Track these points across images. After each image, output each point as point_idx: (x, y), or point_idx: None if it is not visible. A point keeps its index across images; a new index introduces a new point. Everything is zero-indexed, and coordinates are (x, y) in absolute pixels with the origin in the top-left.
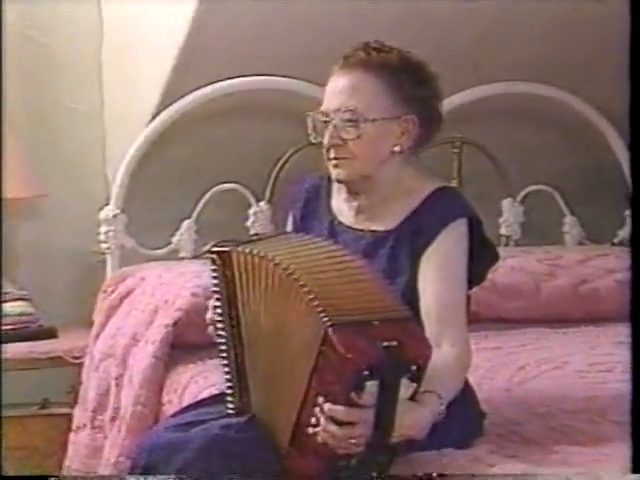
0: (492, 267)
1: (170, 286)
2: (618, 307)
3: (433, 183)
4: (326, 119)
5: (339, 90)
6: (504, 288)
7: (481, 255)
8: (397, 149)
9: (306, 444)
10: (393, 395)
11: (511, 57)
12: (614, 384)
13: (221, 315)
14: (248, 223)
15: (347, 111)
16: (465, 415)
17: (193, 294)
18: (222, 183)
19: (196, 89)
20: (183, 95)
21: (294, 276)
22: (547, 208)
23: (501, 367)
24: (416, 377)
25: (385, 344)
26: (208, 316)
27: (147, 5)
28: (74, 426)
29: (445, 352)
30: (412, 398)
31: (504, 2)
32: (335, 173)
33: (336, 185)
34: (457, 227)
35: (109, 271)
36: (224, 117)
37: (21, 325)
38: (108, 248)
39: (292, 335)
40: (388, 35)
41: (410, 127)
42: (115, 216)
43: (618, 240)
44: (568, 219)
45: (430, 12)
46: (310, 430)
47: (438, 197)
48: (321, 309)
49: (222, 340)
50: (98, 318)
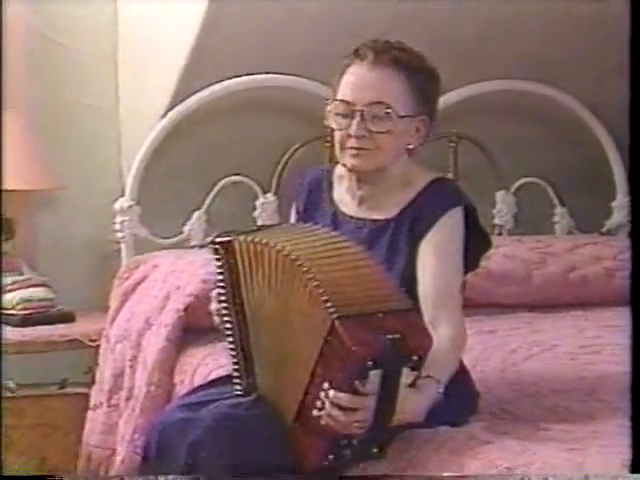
0: (485, 254)
1: (181, 273)
2: (605, 293)
3: (430, 174)
4: (353, 109)
5: (368, 84)
6: (498, 275)
7: (476, 242)
8: (411, 146)
9: (310, 424)
10: (395, 384)
11: (505, 56)
12: (602, 365)
13: (226, 302)
14: (255, 214)
15: (379, 105)
16: (460, 395)
17: (203, 280)
18: (231, 176)
19: (206, 87)
20: (194, 92)
21: (297, 262)
22: (538, 199)
23: (494, 349)
24: (417, 366)
25: (389, 337)
26: (212, 307)
27: (160, 6)
28: (91, 405)
29: (442, 335)
30: (412, 385)
31: (500, 3)
32: (352, 162)
33: (337, 177)
34: (453, 215)
35: (124, 259)
36: (233, 113)
37: (41, 310)
38: (123, 237)
39: (296, 320)
40: (389, 33)
41: (423, 125)
42: (129, 207)
43: (605, 229)
44: (558, 210)
45: (428, 12)
46: (315, 413)
47: (435, 187)
48: (326, 298)
49: (228, 325)
50: (113, 303)
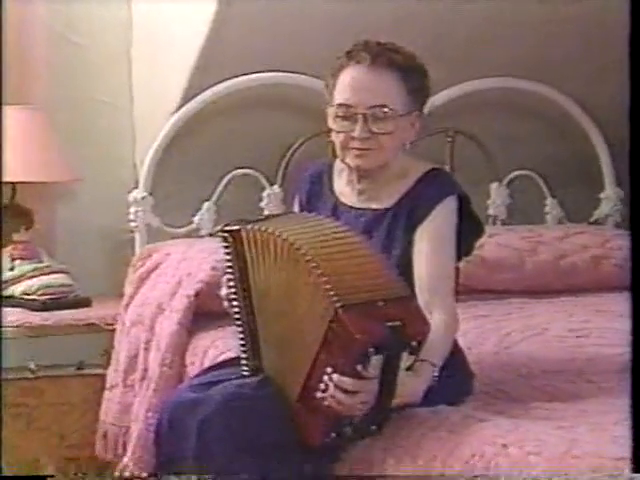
0: (479, 240)
1: (192, 261)
2: (594, 279)
3: (425, 166)
4: (354, 112)
5: (367, 87)
6: (491, 262)
7: (469, 229)
8: (409, 140)
9: (314, 405)
10: (395, 368)
11: (500, 55)
12: (590, 348)
13: (235, 287)
14: (262, 204)
15: (380, 107)
16: (456, 376)
17: (213, 268)
18: (239, 168)
19: (216, 84)
20: (204, 89)
21: (301, 251)
22: (530, 191)
23: (489, 333)
24: (415, 351)
25: (390, 324)
26: (222, 292)
27: (171, 7)
28: (107, 385)
29: (435, 320)
30: (409, 368)
31: (495, 4)
32: (356, 162)
33: (338, 170)
34: (448, 204)
35: (137, 247)
36: (241, 109)
37: (60, 295)
38: (136, 227)
39: (300, 305)
40: (387, 34)
41: (417, 120)
42: (143, 198)
43: (593, 219)
44: (549, 201)
45: (427, 13)
46: (318, 394)
47: (430, 177)
48: (329, 287)
49: (236, 310)
50: (128, 289)
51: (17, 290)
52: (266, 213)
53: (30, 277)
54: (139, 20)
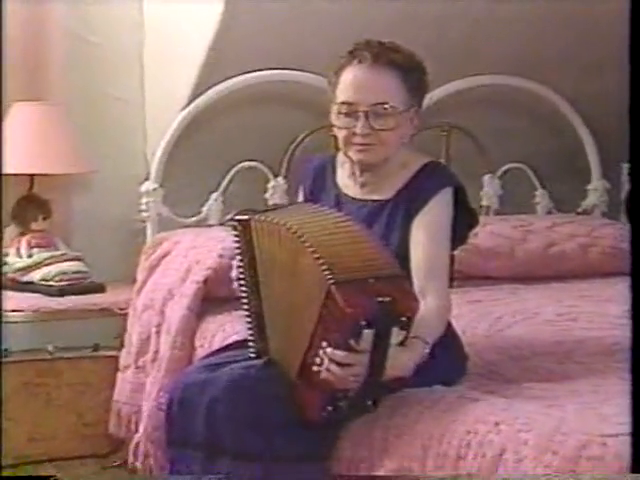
0: (473, 230)
1: (200, 249)
2: (581, 266)
3: (423, 159)
4: (357, 110)
5: (369, 85)
6: (484, 250)
7: (464, 219)
8: (408, 135)
9: (311, 379)
10: (385, 342)
11: (493, 53)
12: (578, 331)
13: (243, 273)
14: (267, 195)
15: (381, 104)
16: (451, 357)
17: (220, 255)
18: (245, 161)
19: (223, 81)
20: (212, 86)
21: (302, 238)
22: (521, 183)
23: (482, 317)
24: (405, 326)
25: (380, 299)
26: (233, 274)
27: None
28: (121, 366)
29: (429, 303)
30: (402, 344)
31: (488, 4)
32: (358, 156)
33: (340, 163)
34: (444, 195)
35: (149, 236)
36: (247, 105)
37: (76, 281)
38: (148, 216)
39: (301, 289)
40: (387, 33)
41: (416, 115)
42: (154, 189)
43: (581, 210)
44: (539, 192)
45: (424, 13)
46: (315, 368)
47: (428, 170)
48: (325, 267)
49: (244, 294)
50: (140, 276)
51: (36, 276)
52: (270, 204)
53: (47, 264)
54: (151, 21)
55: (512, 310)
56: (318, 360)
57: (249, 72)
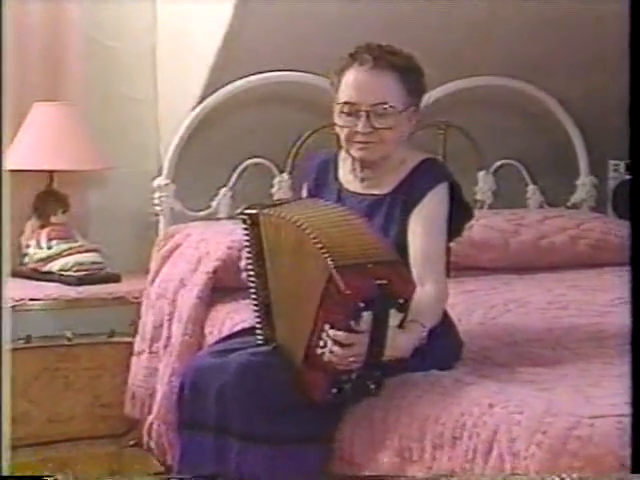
0: (468, 223)
1: (210, 241)
2: (570, 257)
3: (421, 155)
4: (358, 109)
5: (370, 87)
6: (479, 242)
7: (460, 213)
8: (407, 133)
9: (315, 362)
10: (384, 323)
11: (487, 56)
12: (567, 318)
13: (251, 264)
14: (273, 190)
15: (381, 104)
16: (447, 344)
17: (229, 247)
18: (252, 158)
19: (232, 82)
20: (222, 87)
21: (307, 231)
22: (514, 178)
23: (476, 306)
24: (403, 309)
25: (378, 282)
26: (242, 264)
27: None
28: (135, 352)
29: (427, 290)
30: (400, 326)
31: (483, 11)
32: (359, 154)
33: (342, 160)
34: (440, 190)
35: (161, 229)
36: (255, 104)
37: (92, 271)
38: (161, 210)
39: (305, 278)
40: (387, 37)
41: (414, 115)
42: (166, 185)
43: (570, 204)
44: (530, 187)
45: (422, 18)
46: (319, 351)
47: (425, 166)
48: (327, 254)
49: (252, 284)
50: (153, 266)
51: (55, 267)
52: (276, 198)
53: (66, 255)
54: (163, 25)
55: (505, 299)
56: (321, 342)
57: (256, 73)
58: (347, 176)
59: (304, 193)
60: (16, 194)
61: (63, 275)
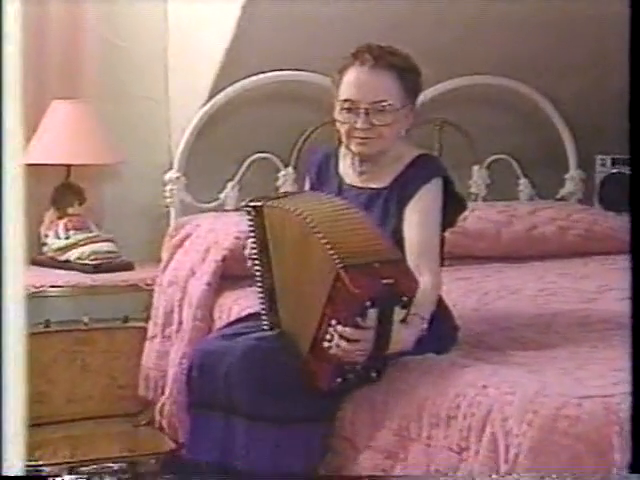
0: (461, 215)
1: (219, 231)
2: (560, 247)
3: (417, 151)
4: (358, 106)
5: (369, 85)
6: (473, 233)
7: (453, 205)
8: (404, 130)
9: (322, 354)
10: (389, 319)
11: (481, 56)
12: (557, 305)
13: (256, 253)
14: (278, 184)
15: (380, 102)
16: (443, 328)
17: (236, 237)
18: (258, 153)
19: (239, 80)
20: (230, 85)
21: (311, 224)
22: (506, 172)
23: (471, 292)
24: (406, 305)
25: (384, 281)
26: (246, 252)
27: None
28: (148, 336)
29: (425, 280)
30: (403, 321)
31: (478, 12)
32: (359, 149)
33: (342, 154)
34: (434, 184)
35: (172, 220)
36: (260, 102)
37: (108, 260)
38: (172, 202)
39: (310, 269)
40: (386, 37)
41: (411, 112)
42: (177, 178)
43: (560, 196)
44: (522, 181)
45: (418, 19)
46: (325, 344)
47: (420, 161)
48: (333, 252)
49: (257, 272)
50: (165, 255)
51: (72, 256)
52: (281, 191)
53: (82, 245)
54: (173, 27)
55: (498, 286)
56: (328, 337)
57: (263, 72)
58: (347, 170)
59: (307, 186)
60: (35, 187)
61: (80, 263)
